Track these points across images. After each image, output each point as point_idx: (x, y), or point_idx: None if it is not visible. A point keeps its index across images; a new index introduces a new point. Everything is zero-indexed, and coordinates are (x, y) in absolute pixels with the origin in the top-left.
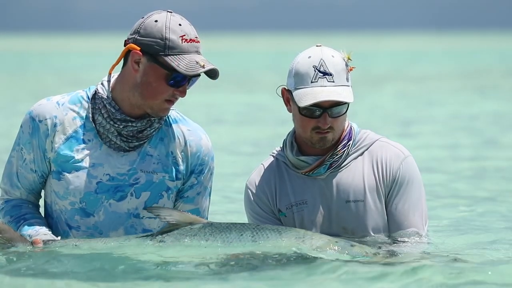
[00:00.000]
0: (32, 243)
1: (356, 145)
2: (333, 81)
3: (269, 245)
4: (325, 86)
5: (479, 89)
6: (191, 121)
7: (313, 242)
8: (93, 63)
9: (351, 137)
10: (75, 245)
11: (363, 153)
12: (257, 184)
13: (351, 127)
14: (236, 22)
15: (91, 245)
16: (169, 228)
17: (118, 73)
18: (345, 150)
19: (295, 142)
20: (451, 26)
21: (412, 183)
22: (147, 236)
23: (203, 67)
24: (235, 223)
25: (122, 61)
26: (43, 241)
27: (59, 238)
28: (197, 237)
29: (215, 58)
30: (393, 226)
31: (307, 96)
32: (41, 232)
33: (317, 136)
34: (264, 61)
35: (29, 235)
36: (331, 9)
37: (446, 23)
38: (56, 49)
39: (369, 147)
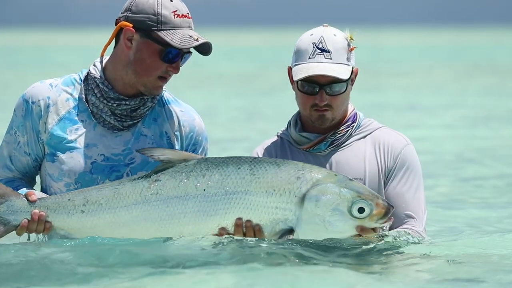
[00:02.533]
0: (26, 196)
1: (360, 129)
2: (330, 58)
3: (268, 178)
4: (321, 63)
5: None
6: (183, 102)
7: (313, 175)
8: (89, 57)
9: (355, 120)
10: (69, 199)
11: (365, 136)
12: (259, 154)
13: (356, 113)
14: (233, 17)
15: (86, 195)
16: (163, 167)
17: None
18: (348, 130)
19: (300, 120)
20: (450, 21)
21: (412, 170)
22: (141, 177)
23: (196, 40)
24: (232, 157)
25: (113, 43)
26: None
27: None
28: (193, 173)
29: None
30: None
31: (301, 71)
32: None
33: (316, 114)
34: (263, 56)
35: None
36: (328, 3)
37: (445, 18)
38: (51, 43)
39: (372, 132)
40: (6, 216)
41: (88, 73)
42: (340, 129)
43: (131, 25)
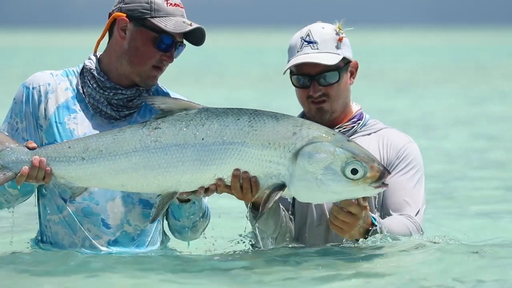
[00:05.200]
0: (26, 145)
1: (365, 127)
2: (317, 49)
3: (265, 131)
4: (307, 54)
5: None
6: (177, 93)
7: (310, 132)
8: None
9: (361, 118)
10: (69, 147)
11: (370, 134)
12: None
13: (362, 112)
14: (229, 17)
15: (86, 143)
16: (163, 115)
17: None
18: (353, 126)
19: (304, 118)
20: (447, 21)
21: (414, 166)
22: (141, 124)
23: (190, 25)
24: (233, 108)
25: (106, 39)
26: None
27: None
28: (193, 122)
29: (207, 53)
30: (388, 197)
31: (288, 64)
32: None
33: (314, 107)
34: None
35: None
36: (324, 3)
37: (442, 18)
38: (49, 44)
39: (377, 131)
40: (6, 164)
41: (83, 66)
42: (346, 124)
43: (124, 15)
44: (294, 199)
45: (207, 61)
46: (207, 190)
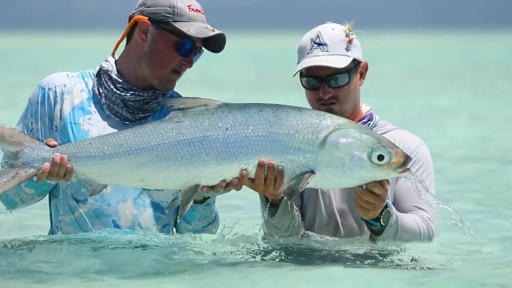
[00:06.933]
0: (46, 142)
1: (375, 128)
2: (327, 51)
3: (290, 120)
4: (318, 56)
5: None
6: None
7: (334, 120)
8: (96, 60)
9: (371, 119)
10: (90, 143)
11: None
12: None
13: (372, 113)
14: (239, 20)
15: (106, 138)
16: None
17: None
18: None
19: None
20: (443, 24)
21: (426, 169)
22: (162, 120)
23: (212, 31)
24: (253, 103)
25: (124, 43)
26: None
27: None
28: (215, 115)
29: (224, 56)
30: (400, 200)
31: (299, 67)
32: None
33: (323, 108)
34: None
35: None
36: (334, 6)
37: (440, 21)
38: (59, 46)
39: (387, 132)
40: (27, 161)
41: (100, 68)
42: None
43: (146, 18)
44: (303, 199)
45: (212, 64)
46: (227, 185)
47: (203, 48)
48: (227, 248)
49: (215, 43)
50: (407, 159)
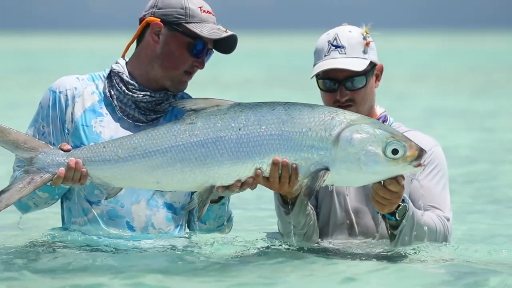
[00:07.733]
0: (60, 147)
1: None
2: (345, 53)
3: (303, 117)
4: (336, 58)
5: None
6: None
7: (347, 116)
8: (103, 61)
9: (385, 120)
10: (104, 147)
11: None
12: None
13: (386, 115)
14: (253, 21)
15: (120, 141)
16: (195, 113)
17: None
18: None
19: None
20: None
21: (440, 170)
22: (175, 122)
23: (225, 32)
24: (264, 102)
25: (134, 45)
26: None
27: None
28: (227, 115)
29: (237, 57)
30: (416, 200)
31: (316, 69)
32: None
33: None
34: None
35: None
36: (348, 7)
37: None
38: (67, 48)
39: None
40: (42, 167)
41: (111, 70)
42: None
43: (158, 19)
44: (318, 198)
45: (220, 63)
46: (243, 184)
47: (213, 49)
48: (240, 248)
49: (227, 44)
50: (421, 152)
